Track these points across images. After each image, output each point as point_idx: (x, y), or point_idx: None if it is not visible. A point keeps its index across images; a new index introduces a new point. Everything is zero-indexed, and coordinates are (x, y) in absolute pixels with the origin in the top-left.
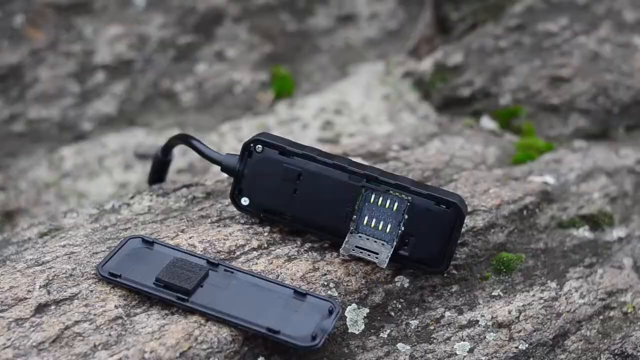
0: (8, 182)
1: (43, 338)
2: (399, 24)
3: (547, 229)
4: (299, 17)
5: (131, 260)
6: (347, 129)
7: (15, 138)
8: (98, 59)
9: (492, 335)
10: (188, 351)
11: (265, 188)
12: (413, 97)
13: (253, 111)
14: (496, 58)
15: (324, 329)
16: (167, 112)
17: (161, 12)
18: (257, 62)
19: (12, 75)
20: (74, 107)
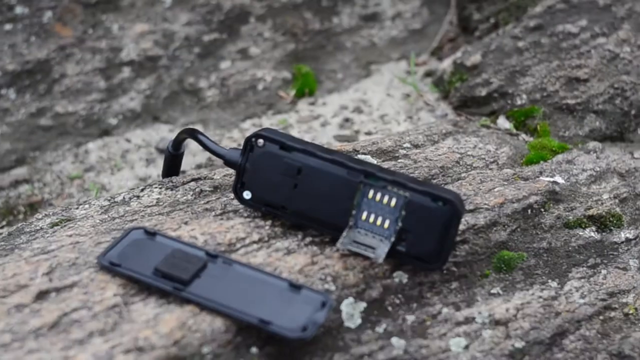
0: (34, 174)
1: (41, 324)
2: (423, 24)
3: (552, 228)
4: (323, 16)
5: (133, 250)
6: (366, 127)
7: (42, 132)
8: (124, 56)
9: (488, 333)
10: (181, 340)
11: (266, 182)
12: (432, 96)
13: (275, 108)
14: (514, 58)
15: (316, 321)
16: (191, 108)
17: (187, 10)
18: (280, 60)
19: (40, 70)
20: (100, 102)
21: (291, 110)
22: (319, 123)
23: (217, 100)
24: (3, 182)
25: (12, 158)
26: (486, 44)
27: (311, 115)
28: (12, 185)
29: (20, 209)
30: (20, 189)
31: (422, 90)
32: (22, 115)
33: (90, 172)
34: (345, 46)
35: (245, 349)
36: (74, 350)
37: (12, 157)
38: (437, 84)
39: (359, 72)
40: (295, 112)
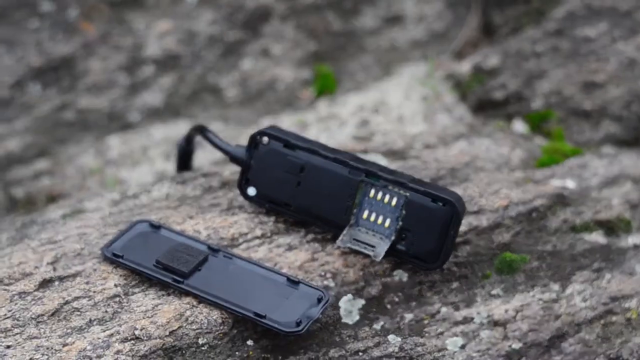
0: (56, 167)
1: (42, 311)
2: (445, 26)
3: (557, 232)
4: (346, 17)
5: (136, 242)
6: (382, 127)
7: (65, 126)
8: (148, 53)
9: (486, 333)
10: (178, 330)
11: (270, 179)
12: (451, 98)
13: (294, 107)
14: (532, 62)
15: (310, 316)
16: (212, 105)
17: (211, 9)
18: (301, 59)
19: (65, 66)
20: (123, 98)
21: (310, 109)
22: (337, 123)
23: (237, 98)
24: (25, 174)
25: (35, 151)
26: (505, 48)
27: (329, 114)
28: (34, 177)
29: (41, 200)
30: (41, 181)
31: (441, 93)
32: (46, 109)
33: (111, 166)
34: (366, 47)
35: (241, 341)
36: (72, 337)
37: (35, 150)
38: (456, 86)
39: (379, 74)
40: (313, 111)
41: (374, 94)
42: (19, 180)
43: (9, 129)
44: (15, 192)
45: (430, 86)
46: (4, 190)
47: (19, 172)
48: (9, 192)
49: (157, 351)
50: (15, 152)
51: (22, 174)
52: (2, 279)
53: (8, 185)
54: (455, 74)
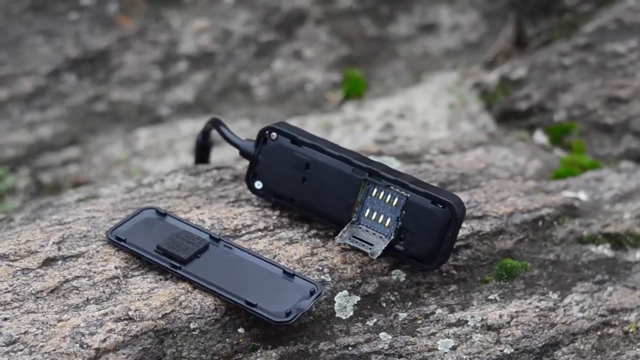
0: (84, 156)
1: (42, 287)
2: (479, 37)
3: (563, 242)
4: (380, 23)
5: (141, 228)
6: (405, 132)
7: (97, 117)
8: (182, 50)
9: (478, 337)
10: (170, 314)
11: (277, 174)
12: (477, 107)
13: (321, 109)
14: (558, 74)
15: (301, 308)
16: (241, 103)
17: (247, 10)
18: (332, 63)
19: (101, 58)
20: (155, 92)
21: (337, 111)
22: (362, 126)
23: (266, 98)
24: (54, 161)
25: (66, 139)
26: (533, 59)
27: (355, 118)
28: (63, 164)
29: (66, 186)
30: (69, 169)
31: (467, 101)
32: (79, 99)
33: (137, 157)
34: (399, 54)
35: (232, 328)
36: (68, 314)
37: (66, 138)
38: (483, 95)
39: (410, 80)
40: (340, 114)
41: (401, 100)
42: (47, 167)
43: (43, 116)
44: (43, 177)
45: (457, 94)
46: (33, 175)
47: (48, 159)
48: (37, 177)
49: (148, 332)
50: (46, 140)
51: (51, 160)
52: (8, 255)
53: (37, 170)
54: (483, 83)
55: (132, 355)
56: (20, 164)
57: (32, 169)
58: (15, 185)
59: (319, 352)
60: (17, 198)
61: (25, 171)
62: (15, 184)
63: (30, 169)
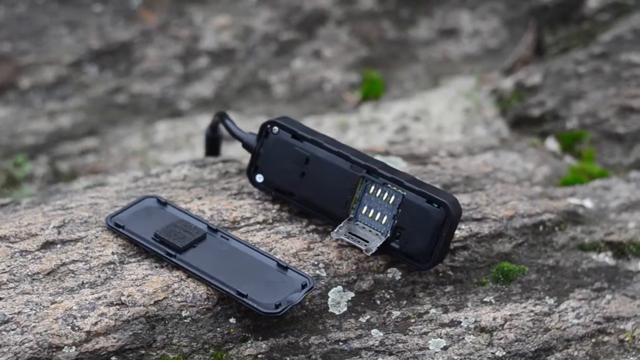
0: (102, 146)
1: (39, 270)
2: (500, 43)
3: (563, 248)
4: (401, 26)
5: (141, 216)
6: (419, 135)
7: (117, 108)
8: (203, 45)
9: (471, 338)
10: (163, 301)
11: (277, 168)
12: (492, 112)
13: (338, 109)
14: (572, 82)
15: (291, 300)
16: (260, 101)
17: (269, 8)
18: (351, 63)
19: (123, 51)
20: (175, 86)
21: (353, 112)
22: (377, 127)
23: (284, 96)
24: (72, 150)
25: (85, 129)
26: (548, 66)
27: (371, 119)
28: (81, 153)
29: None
30: (86, 158)
31: (483, 107)
32: (100, 91)
33: (154, 149)
34: (418, 57)
35: (224, 318)
36: (62, 296)
37: (85, 129)
38: (498, 101)
39: (428, 84)
40: (356, 115)
41: (418, 103)
42: (65, 156)
43: (63, 106)
44: (61, 166)
45: (473, 100)
46: (51, 163)
47: (67, 148)
48: (55, 165)
49: (139, 318)
50: (66, 129)
51: (70, 149)
52: (9, 237)
53: (55, 159)
54: (499, 89)
55: (123, 340)
56: (40, 152)
57: (51, 157)
58: (33, 173)
59: (309, 345)
60: (34, 185)
61: (44, 159)
62: (33, 172)
63: (48, 157)
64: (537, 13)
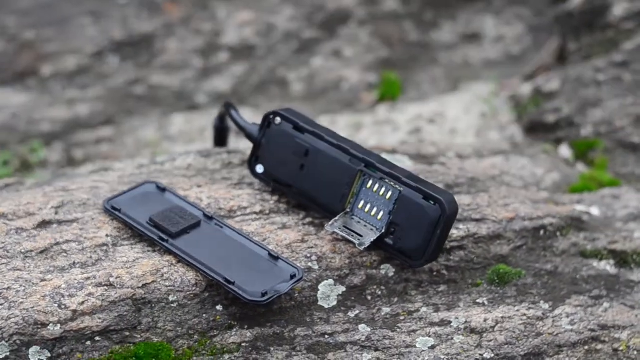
0: (117, 136)
1: (32, 248)
2: (522, 50)
3: (564, 253)
4: (424, 29)
5: (138, 200)
6: (432, 137)
7: (135, 99)
8: (225, 40)
9: (460, 338)
10: (151, 284)
11: (277, 159)
12: (508, 117)
13: (354, 109)
14: (591, 90)
15: (278, 290)
16: (276, 97)
17: (293, 6)
18: (370, 64)
19: (144, 43)
20: (194, 80)
21: (369, 112)
22: (391, 128)
23: (301, 94)
24: (88, 138)
25: (102, 118)
26: (567, 73)
27: (386, 119)
28: (96, 142)
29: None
30: (101, 147)
31: (500, 111)
32: (120, 81)
33: (167, 141)
34: (438, 61)
35: (211, 305)
36: (52, 275)
37: (102, 118)
38: (516, 107)
39: (446, 88)
40: (372, 115)
41: (434, 105)
42: (80, 144)
43: (83, 95)
44: (76, 153)
45: (492, 104)
46: (66, 150)
47: (83, 136)
48: (69, 152)
49: (126, 300)
50: (83, 117)
51: (85, 138)
52: (7, 215)
53: (70, 146)
54: (517, 95)
55: (108, 321)
56: (56, 139)
57: (67, 144)
58: (48, 159)
59: (294, 337)
60: (47, 171)
61: (60, 146)
62: (48, 158)
63: (64, 144)
64: (562, 20)
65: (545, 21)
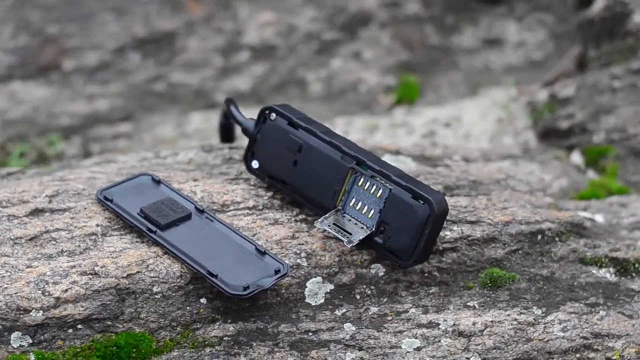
0: (135, 132)
1: (22, 234)
2: (544, 56)
3: (562, 259)
4: (445, 33)
5: (132, 191)
6: (446, 140)
7: (155, 96)
8: (246, 40)
9: (447, 341)
10: (136, 274)
11: (272, 155)
12: (524, 123)
13: (370, 111)
14: (605, 96)
15: (261, 284)
16: (295, 98)
17: (315, 7)
18: (389, 67)
19: (166, 40)
20: (213, 78)
21: (385, 115)
22: (405, 130)
23: (319, 94)
24: (106, 133)
25: (121, 114)
26: (583, 79)
27: (402, 122)
28: (114, 137)
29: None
30: (118, 142)
31: (516, 117)
32: (140, 78)
33: (183, 138)
34: (459, 65)
35: (195, 297)
36: (38, 262)
37: (121, 114)
38: (532, 112)
39: (465, 92)
40: (388, 117)
41: (451, 110)
42: (98, 138)
43: (103, 90)
44: (93, 148)
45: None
46: (84, 145)
47: (101, 131)
48: (87, 147)
49: (110, 289)
50: (102, 113)
51: (103, 133)
52: (1, 201)
53: (88, 141)
54: (534, 100)
55: (90, 309)
56: (74, 133)
57: (84, 139)
58: (65, 152)
59: (277, 333)
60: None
61: (78, 140)
62: (65, 151)
63: (82, 139)
64: (583, 27)
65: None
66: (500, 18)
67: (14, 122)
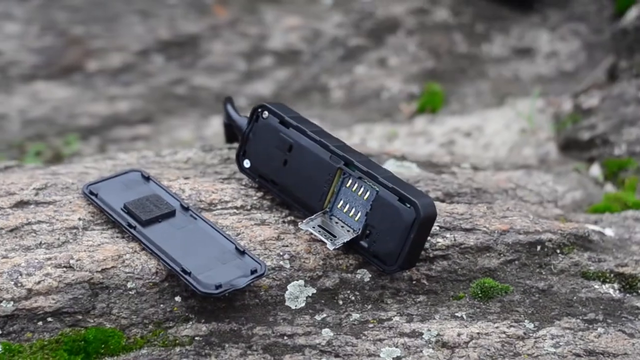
0: (154, 134)
1: (3, 225)
2: (576, 66)
3: (562, 272)
4: (473, 41)
5: (120, 187)
6: (464, 150)
7: (175, 99)
8: (270, 45)
9: (429, 352)
10: (110, 269)
11: (263, 154)
12: (546, 134)
13: (392, 119)
14: (630, 107)
15: (235, 284)
16: (316, 104)
17: (342, 13)
18: (414, 74)
19: (190, 43)
20: (236, 82)
21: (406, 123)
22: (424, 139)
23: (341, 101)
24: (125, 135)
25: (141, 116)
26: (609, 90)
27: (422, 131)
28: (132, 139)
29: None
30: (136, 144)
31: (540, 128)
32: (163, 80)
33: (200, 141)
34: (486, 74)
35: (170, 295)
36: (15, 253)
37: (141, 116)
38: (556, 124)
39: (491, 102)
40: (408, 126)
41: (474, 119)
42: (116, 139)
43: (125, 92)
44: (110, 148)
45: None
46: (101, 145)
47: (120, 132)
48: (104, 147)
49: (83, 283)
50: (122, 114)
51: (122, 134)
52: None
53: (106, 141)
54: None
55: (61, 302)
56: (93, 134)
57: (103, 139)
58: (81, 151)
59: (251, 335)
60: None
61: (96, 141)
62: (82, 150)
63: (100, 140)
64: (617, 37)
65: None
66: (533, 27)
67: (34, 122)
